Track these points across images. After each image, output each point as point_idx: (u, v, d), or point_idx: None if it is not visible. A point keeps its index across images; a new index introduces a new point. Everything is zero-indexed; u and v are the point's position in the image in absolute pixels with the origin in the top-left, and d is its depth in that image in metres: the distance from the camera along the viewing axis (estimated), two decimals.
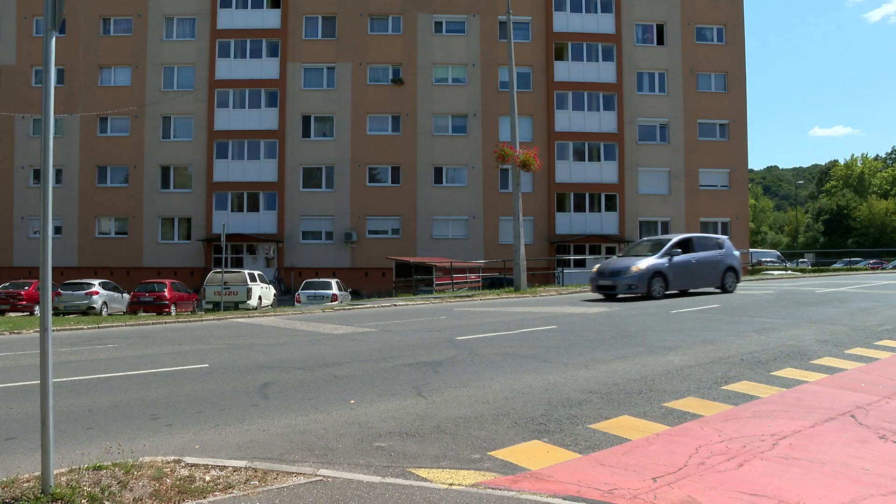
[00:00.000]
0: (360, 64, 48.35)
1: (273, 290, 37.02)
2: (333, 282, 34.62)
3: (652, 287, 21.68)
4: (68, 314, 30.26)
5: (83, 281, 33.58)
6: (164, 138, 48.23)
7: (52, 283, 31.14)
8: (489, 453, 6.17)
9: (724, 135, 50.08)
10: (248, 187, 47.91)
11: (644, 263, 21.99)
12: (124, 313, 32.47)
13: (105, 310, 32.33)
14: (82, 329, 19.70)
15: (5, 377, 10.91)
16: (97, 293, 32.63)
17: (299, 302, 32.56)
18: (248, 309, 30.16)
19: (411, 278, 37.30)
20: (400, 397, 8.51)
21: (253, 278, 33.85)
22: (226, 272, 32.91)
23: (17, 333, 18.86)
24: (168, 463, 5.77)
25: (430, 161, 48.19)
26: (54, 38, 5.34)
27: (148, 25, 48.38)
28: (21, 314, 31.74)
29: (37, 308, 32.54)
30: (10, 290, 34.11)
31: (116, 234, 48.06)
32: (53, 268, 35.07)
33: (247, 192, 48.05)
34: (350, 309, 24.29)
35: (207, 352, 13.38)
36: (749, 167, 60.05)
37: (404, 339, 14.13)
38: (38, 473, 5.16)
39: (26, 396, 9.08)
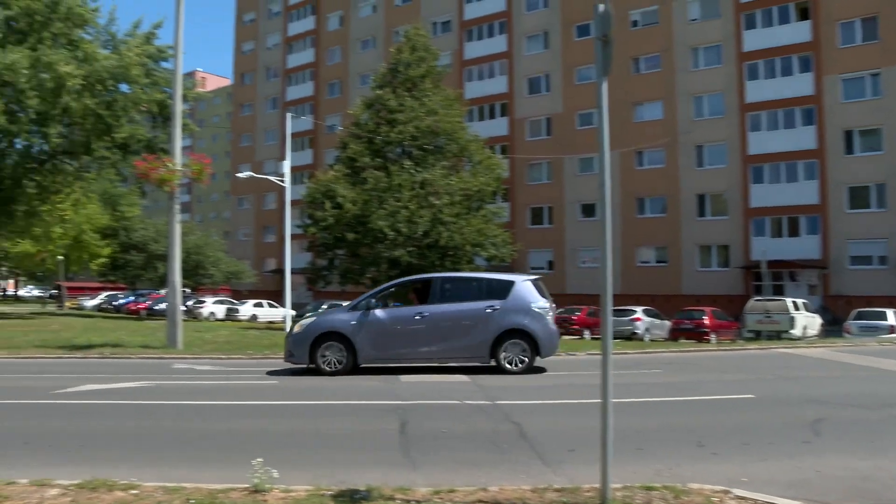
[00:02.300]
0: None
1: (818, 320, 34.82)
2: (890, 312, 31.26)
3: (318, 356, 14.34)
4: (613, 339, 31.93)
5: (627, 308, 35.17)
6: (698, 167, 48.73)
7: (594, 309, 32.86)
8: None
9: None
10: (787, 211, 45.89)
11: (310, 320, 15.45)
12: (665, 340, 33.25)
13: (647, 336, 33.49)
14: (628, 353, 20.59)
15: (563, 394, 11.87)
16: (640, 319, 34.01)
17: (849, 333, 30.08)
18: (791, 339, 28.80)
19: None
20: None
21: (796, 307, 32.23)
22: (767, 300, 31.96)
23: (572, 355, 20.39)
24: (716, 492, 5.73)
25: None
26: (605, 84, 5.68)
27: (675, 58, 49.57)
28: (573, 337, 34.35)
29: (586, 332, 35.02)
30: (564, 315, 37.24)
31: (656, 262, 49.73)
32: (598, 295, 37.01)
33: (786, 217, 46.10)
34: None
35: (751, 382, 13.04)
36: None
37: None
38: (596, 485, 5.46)
39: (580, 413, 9.76)
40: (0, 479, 6.32)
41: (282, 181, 34.56)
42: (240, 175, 39.25)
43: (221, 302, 52.04)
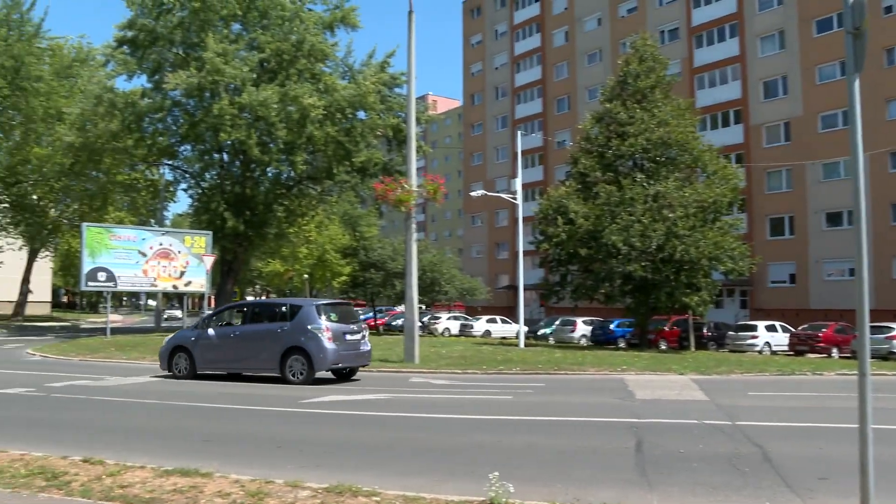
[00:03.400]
0: None
1: None
2: None
3: (174, 364, 17.85)
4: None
5: (882, 325, 32.44)
6: None
7: (842, 325, 30.65)
8: None
9: None
10: None
11: (171, 336, 19.60)
12: None
13: None
14: (885, 375, 19.10)
15: (813, 416, 11.13)
16: None
17: None
18: None
19: None
20: None
21: None
22: None
23: (819, 374, 19.14)
24: None
25: None
26: (857, 81, 5.30)
27: None
28: (819, 356, 32.17)
29: (834, 350, 32.71)
30: (809, 331, 34.98)
31: None
32: (846, 310, 34.65)
33: None
34: None
35: None
36: None
37: None
38: None
39: (833, 438, 9.10)
40: (259, 478, 6.89)
41: (513, 198, 35.13)
42: (472, 193, 40.30)
43: (456, 318, 53.44)
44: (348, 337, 16.80)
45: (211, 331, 17.83)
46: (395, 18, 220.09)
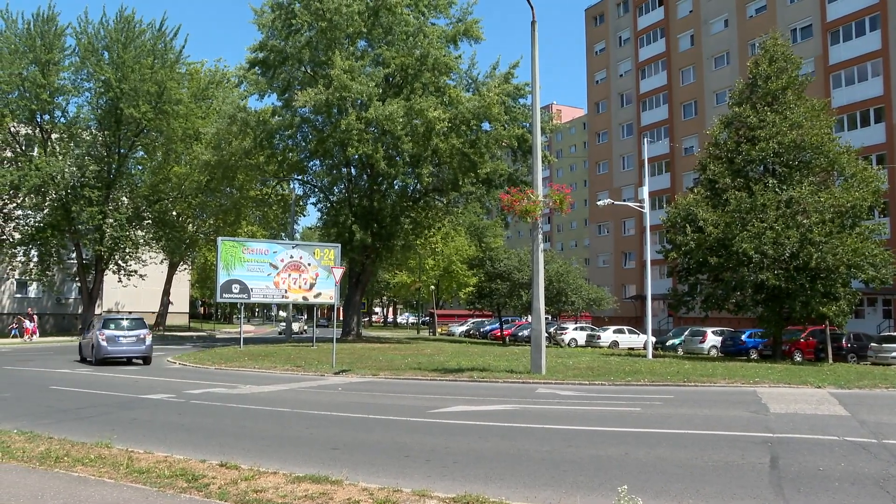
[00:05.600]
0: None
1: None
2: None
3: (81, 353, 28.69)
4: None
5: None
6: None
7: None
8: None
9: None
10: None
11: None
12: None
13: None
14: None
15: None
16: None
17: None
18: None
19: None
20: None
21: None
22: None
23: None
24: None
25: None
26: None
27: None
28: None
29: None
30: None
31: None
32: None
33: None
34: None
35: None
36: None
37: None
38: None
39: None
40: (387, 486, 6.98)
41: (640, 207, 34.44)
42: (599, 203, 39.79)
43: (582, 328, 52.87)
44: (121, 339, 25.70)
45: (87, 335, 27.92)
46: (518, 29, 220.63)
